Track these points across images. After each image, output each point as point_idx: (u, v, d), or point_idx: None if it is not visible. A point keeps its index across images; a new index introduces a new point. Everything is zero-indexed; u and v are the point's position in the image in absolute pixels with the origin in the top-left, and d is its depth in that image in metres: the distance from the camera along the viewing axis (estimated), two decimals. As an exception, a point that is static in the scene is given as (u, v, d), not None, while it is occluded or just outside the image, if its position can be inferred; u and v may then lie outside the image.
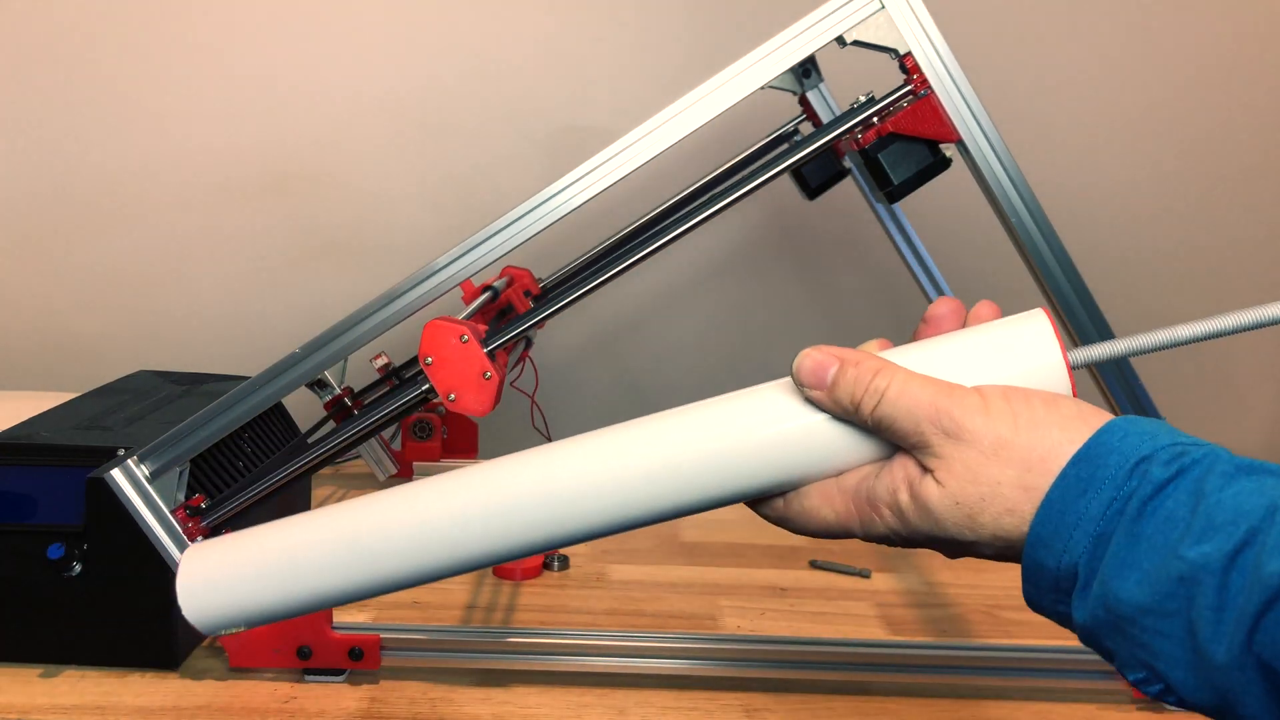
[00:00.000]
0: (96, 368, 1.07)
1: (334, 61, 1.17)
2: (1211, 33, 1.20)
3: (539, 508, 0.46)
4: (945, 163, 0.70)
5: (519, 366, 1.09)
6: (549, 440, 1.07)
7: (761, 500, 0.45)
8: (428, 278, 0.68)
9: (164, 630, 0.71)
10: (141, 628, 0.71)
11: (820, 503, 0.43)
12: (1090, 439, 0.37)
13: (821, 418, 0.43)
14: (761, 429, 0.44)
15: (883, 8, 0.68)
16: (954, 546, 0.40)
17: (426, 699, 0.70)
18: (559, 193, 0.68)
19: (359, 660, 0.71)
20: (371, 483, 1.11)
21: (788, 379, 0.44)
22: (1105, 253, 1.25)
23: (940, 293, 0.94)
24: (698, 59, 1.17)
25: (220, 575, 0.48)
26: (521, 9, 1.16)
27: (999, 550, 0.39)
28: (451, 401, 0.66)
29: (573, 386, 1.27)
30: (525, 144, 1.19)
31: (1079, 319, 0.71)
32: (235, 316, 1.23)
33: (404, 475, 1.09)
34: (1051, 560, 0.37)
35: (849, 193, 0.92)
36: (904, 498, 0.40)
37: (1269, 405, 1.32)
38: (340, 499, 1.07)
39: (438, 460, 1.10)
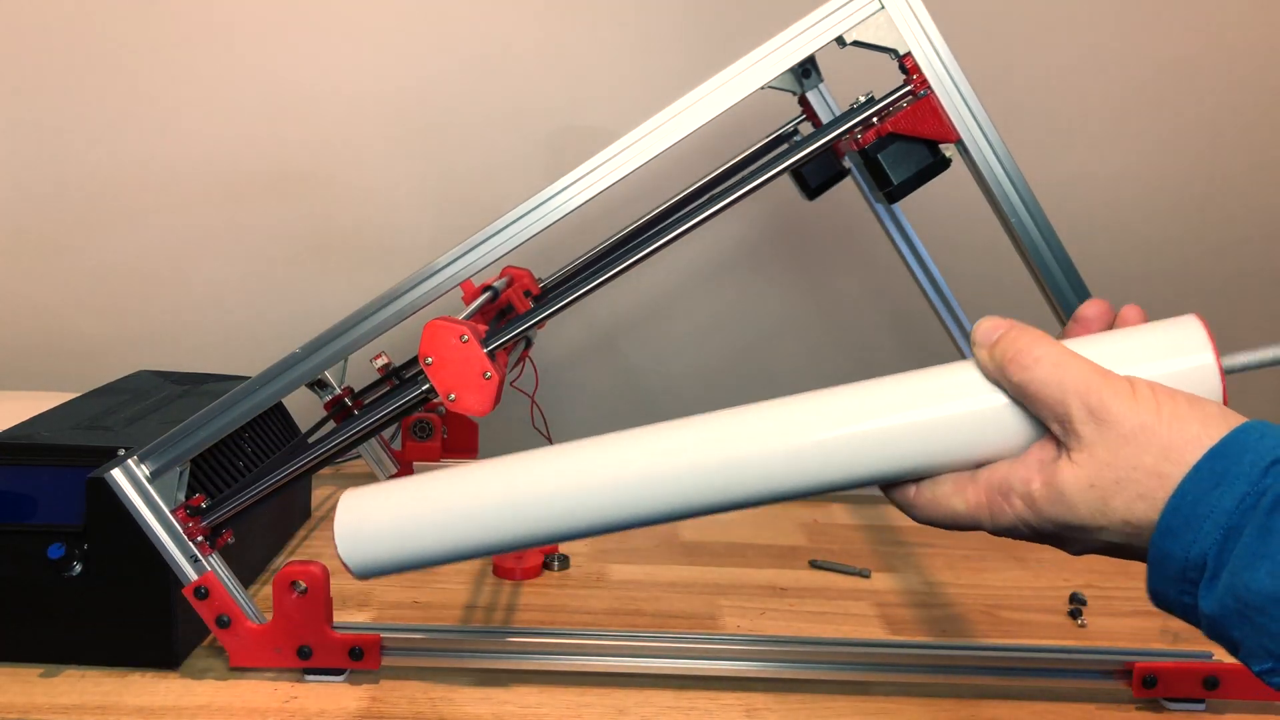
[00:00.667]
0: (96, 368, 1.07)
1: (334, 61, 1.17)
2: (1214, 31, 1.20)
3: (723, 472, 0.47)
4: (945, 163, 0.70)
5: (519, 366, 1.09)
6: (549, 441, 1.08)
7: (894, 485, 0.47)
8: (428, 278, 0.68)
9: (164, 630, 0.71)
10: (141, 628, 0.71)
11: (953, 491, 0.45)
12: (1227, 435, 0.38)
13: (975, 403, 0.44)
14: (918, 410, 0.45)
15: (883, 8, 0.68)
16: (1082, 534, 0.41)
17: (427, 699, 0.70)
18: (559, 193, 0.68)
19: (359, 660, 0.71)
20: (372, 483, 1.11)
21: (941, 366, 0.47)
22: (1105, 252, 1.25)
23: (940, 292, 0.94)
24: (698, 59, 1.17)
25: (382, 521, 0.50)
26: (522, 9, 1.16)
27: (1127, 537, 0.40)
28: (451, 401, 0.66)
29: (573, 386, 1.27)
30: (525, 144, 1.19)
31: (1079, 319, 0.71)
32: (235, 316, 1.23)
33: (404, 475, 1.09)
34: (1180, 550, 0.37)
35: (849, 193, 0.92)
36: (1036, 486, 0.42)
37: (1269, 405, 1.32)
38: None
39: (438, 460, 1.10)
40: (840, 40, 0.68)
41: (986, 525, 0.44)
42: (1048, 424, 0.42)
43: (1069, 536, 0.42)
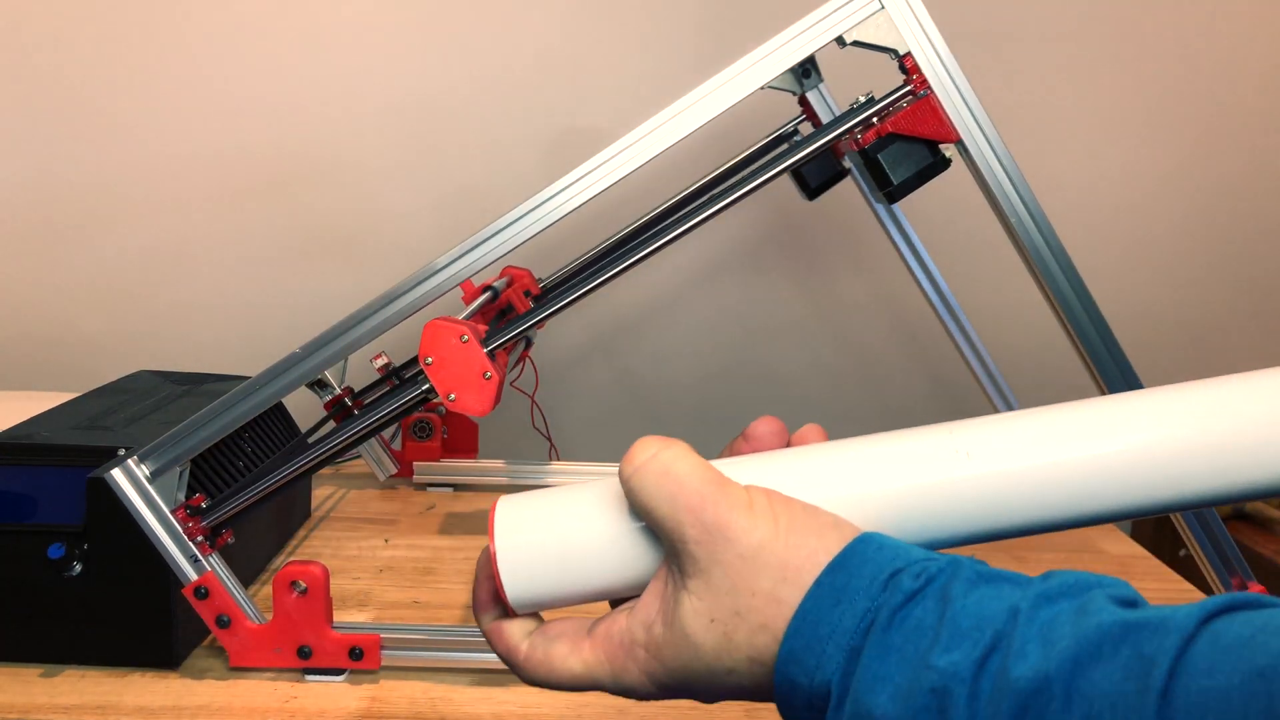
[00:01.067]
0: (96, 368, 1.07)
1: (334, 61, 1.17)
2: (1215, 31, 1.20)
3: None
4: (945, 163, 0.70)
5: (519, 366, 1.09)
6: (549, 441, 1.05)
7: (505, 642, 0.40)
8: (428, 278, 0.68)
9: (164, 630, 0.71)
10: (141, 628, 0.71)
11: (569, 650, 0.39)
12: (846, 548, 0.34)
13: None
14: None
15: (882, 8, 0.68)
16: (710, 680, 0.36)
17: (427, 698, 0.70)
18: (559, 193, 0.68)
19: (359, 660, 0.71)
20: (372, 483, 1.11)
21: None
22: (1105, 251, 1.25)
23: (940, 292, 0.94)
24: (697, 60, 1.17)
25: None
26: (522, 10, 1.16)
27: (757, 679, 0.35)
28: (451, 401, 0.66)
29: (573, 386, 1.27)
30: (525, 144, 1.19)
31: (1078, 318, 0.71)
32: (236, 316, 1.23)
33: (404, 475, 1.09)
34: (804, 678, 0.33)
35: (849, 193, 0.92)
36: (659, 629, 0.36)
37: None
38: (340, 499, 1.07)
39: (438, 460, 1.10)
40: (840, 40, 0.68)
41: (608, 686, 0.38)
42: (666, 548, 0.37)
43: (697, 687, 0.36)
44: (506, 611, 0.40)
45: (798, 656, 0.33)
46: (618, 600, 0.41)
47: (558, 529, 0.39)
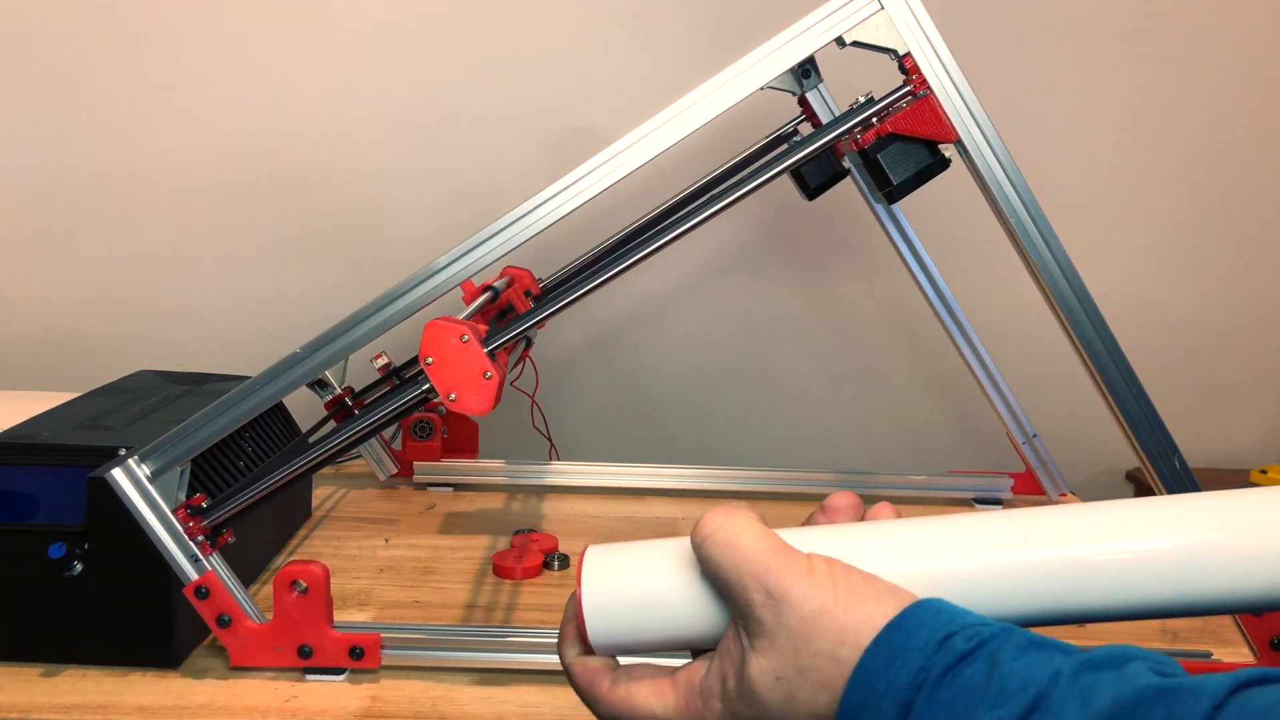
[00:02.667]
0: (97, 368, 1.07)
1: (335, 61, 1.17)
2: (1216, 30, 1.20)
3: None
4: (944, 163, 0.70)
5: (519, 366, 1.09)
6: (549, 441, 1.06)
7: (587, 672, 0.43)
8: (428, 278, 0.68)
9: (164, 630, 0.71)
10: (142, 627, 0.71)
11: (651, 692, 0.41)
12: (904, 610, 0.36)
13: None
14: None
15: (882, 8, 0.68)
16: None
17: (427, 698, 0.70)
18: (559, 193, 0.68)
19: (359, 659, 0.71)
20: (372, 482, 1.11)
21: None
22: (1105, 251, 1.25)
23: (939, 292, 0.95)
24: (698, 60, 1.17)
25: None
26: (523, 11, 1.16)
27: None
28: (452, 401, 0.66)
29: (573, 386, 1.27)
30: (526, 144, 1.19)
31: (1076, 317, 0.71)
32: (236, 316, 1.23)
33: (404, 475, 1.09)
34: None
35: (849, 193, 0.92)
36: (731, 683, 0.39)
37: (1267, 408, 1.32)
38: (341, 499, 1.07)
39: (438, 460, 1.10)
40: (840, 40, 0.68)
41: None
42: (733, 610, 0.39)
43: None
44: (587, 650, 0.43)
45: (855, 712, 0.35)
46: (699, 650, 0.43)
47: (637, 583, 0.43)
